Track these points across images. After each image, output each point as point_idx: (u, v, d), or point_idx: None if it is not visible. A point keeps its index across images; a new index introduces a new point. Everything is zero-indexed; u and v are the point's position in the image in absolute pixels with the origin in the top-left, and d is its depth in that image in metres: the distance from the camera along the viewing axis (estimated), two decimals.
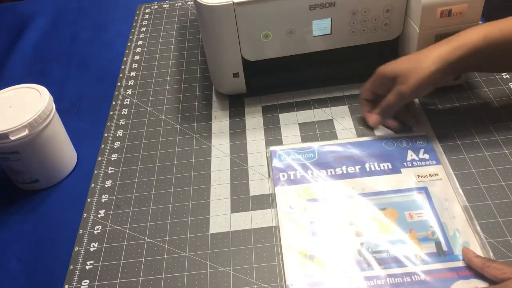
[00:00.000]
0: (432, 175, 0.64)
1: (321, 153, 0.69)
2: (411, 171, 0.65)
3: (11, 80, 0.91)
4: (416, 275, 0.55)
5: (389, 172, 0.65)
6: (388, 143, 0.69)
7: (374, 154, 0.68)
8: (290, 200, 0.64)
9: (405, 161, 0.66)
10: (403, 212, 0.61)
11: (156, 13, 1.07)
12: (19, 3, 1.16)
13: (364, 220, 0.61)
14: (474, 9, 0.69)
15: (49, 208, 0.69)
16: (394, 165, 0.66)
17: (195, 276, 0.58)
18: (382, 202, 0.62)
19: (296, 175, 0.66)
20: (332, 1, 0.71)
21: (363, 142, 0.70)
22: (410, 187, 0.63)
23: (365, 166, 0.66)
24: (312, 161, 0.68)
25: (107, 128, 0.80)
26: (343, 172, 0.66)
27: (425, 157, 0.67)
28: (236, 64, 0.76)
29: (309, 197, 0.64)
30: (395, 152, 0.68)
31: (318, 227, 0.60)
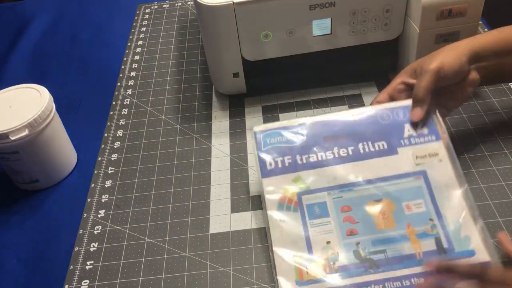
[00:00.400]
0: (432, 155, 0.58)
1: (311, 132, 0.62)
2: (409, 151, 0.59)
3: (11, 80, 0.92)
4: (416, 277, 0.52)
5: (384, 153, 0.59)
6: (383, 116, 0.61)
7: (368, 131, 0.61)
8: (279, 194, 0.59)
9: (402, 139, 0.60)
10: (401, 203, 0.56)
11: (156, 13, 1.07)
12: (19, 3, 1.16)
13: (359, 214, 0.56)
14: (474, 9, 0.69)
15: (49, 208, 0.69)
16: (390, 144, 0.59)
17: (195, 276, 0.58)
18: (377, 192, 0.57)
19: (284, 162, 0.60)
20: (332, 1, 0.71)
21: (357, 115, 0.62)
22: (408, 171, 0.58)
23: (359, 147, 0.60)
24: (301, 143, 0.61)
25: (107, 128, 0.80)
26: (335, 156, 0.60)
27: (424, 131, 0.60)
28: (236, 64, 0.76)
29: (299, 189, 0.59)
30: (391, 128, 0.60)
31: (311, 228, 0.56)
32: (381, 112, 0.62)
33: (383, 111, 0.61)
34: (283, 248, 0.56)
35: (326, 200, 0.58)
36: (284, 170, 0.60)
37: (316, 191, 0.58)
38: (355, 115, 0.62)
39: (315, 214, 0.57)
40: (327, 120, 0.62)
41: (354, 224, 0.56)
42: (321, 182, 0.59)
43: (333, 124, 0.62)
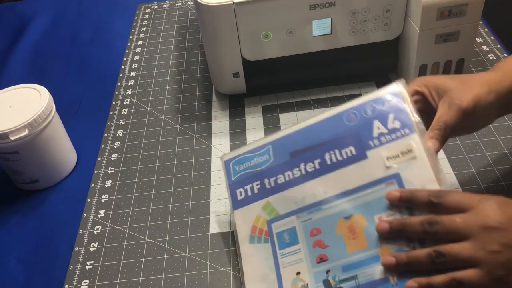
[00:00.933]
0: (405, 153, 0.50)
1: (277, 151, 0.57)
2: (379, 152, 0.51)
3: (11, 80, 0.92)
4: None
5: (352, 161, 0.52)
6: (350, 117, 0.54)
7: (334, 137, 0.54)
8: (250, 226, 0.55)
9: (371, 139, 0.52)
10: (372, 217, 0.49)
11: (156, 13, 1.07)
12: (19, 3, 1.16)
13: (329, 237, 0.50)
14: (474, 9, 0.69)
15: (49, 208, 0.69)
16: (358, 148, 0.52)
17: (195, 276, 0.58)
18: (347, 208, 0.50)
19: (253, 189, 0.56)
20: (332, 1, 0.71)
21: (322, 122, 0.55)
22: (379, 177, 0.50)
23: (325, 159, 0.53)
24: (268, 165, 0.56)
25: (107, 128, 0.80)
26: (302, 173, 0.54)
27: (396, 125, 0.51)
28: (236, 64, 0.76)
29: (269, 216, 0.54)
30: (359, 128, 0.53)
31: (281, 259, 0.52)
32: (346, 112, 0.54)
33: (348, 110, 0.54)
34: (255, 285, 0.52)
35: (295, 225, 0.52)
36: (253, 198, 0.56)
37: (285, 216, 0.53)
38: (319, 121, 0.56)
39: (285, 242, 0.52)
40: (291, 133, 0.57)
41: (324, 249, 0.50)
42: (290, 205, 0.53)
43: (298, 137, 0.56)
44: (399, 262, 0.46)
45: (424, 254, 0.45)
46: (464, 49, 0.74)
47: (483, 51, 0.85)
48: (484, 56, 0.83)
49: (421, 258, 0.45)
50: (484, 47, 0.85)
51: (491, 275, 0.42)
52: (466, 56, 0.75)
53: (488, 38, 0.87)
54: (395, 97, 0.52)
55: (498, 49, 0.85)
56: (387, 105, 0.52)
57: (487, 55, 0.84)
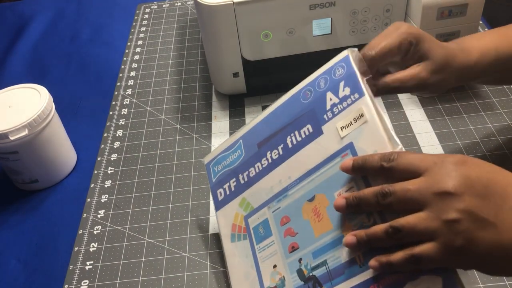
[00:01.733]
0: (357, 119, 0.46)
1: (247, 144, 0.55)
2: (333, 124, 0.48)
3: (11, 80, 0.91)
4: None
5: (310, 139, 0.50)
6: (305, 94, 0.52)
7: (293, 118, 0.52)
8: (230, 226, 0.54)
9: (325, 113, 0.49)
10: (333, 195, 0.46)
11: (156, 13, 1.07)
12: (19, 3, 1.16)
13: (297, 223, 0.48)
14: (474, 9, 0.69)
15: (48, 208, 0.69)
16: (314, 124, 0.50)
17: (195, 276, 0.58)
18: (309, 189, 0.48)
19: (230, 187, 0.55)
20: (332, 1, 0.71)
21: (282, 106, 0.54)
22: (334, 150, 0.47)
23: (287, 142, 0.51)
24: (241, 160, 0.55)
25: (107, 128, 0.79)
26: (269, 162, 0.52)
27: (346, 92, 0.48)
28: (236, 64, 0.76)
29: (245, 212, 0.53)
30: (314, 104, 0.51)
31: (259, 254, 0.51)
32: (302, 90, 0.52)
33: (304, 88, 0.52)
34: (239, 284, 0.51)
35: (267, 217, 0.51)
36: (231, 196, 0.55)
37: (258, 208, 0.52)
38: (279, 105, 0.54)
39: (260, 236, 0.51)
40: (257, 124, 0.55)
41: (294, 237, 0.48)
42: (262, 197, 0.52)
43: (263, 126, 0.55)
44: (359, 241, 0.43)
45: (382, 231, 0.41)
46: None
47: None
48: None
49: (379, 235, 0.41)
50: None
51: (450, 246, 0.39)
52: None
53: None
54: (344, 64, 0.50)
55: None
56: (337, 73, 0.50)
57: None
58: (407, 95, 0.78)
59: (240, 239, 0.53)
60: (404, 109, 0.75)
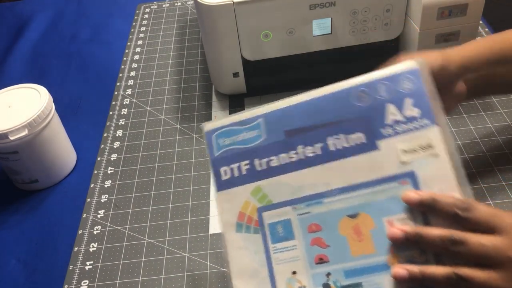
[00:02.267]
0: (424, 148, 0.43)
1: (270, 127, 0.48)
2: (393, 144, 0.44)
3: (11, 80, 0.91)
4: None
5: (361, 150, 0.45)
6: (359, 96, 0.46)
7: (340, 118, 0.46)
8: (236, 213, 0.48)
9: (383, 126, 0.45)
10: (381, 219, 0.43)
11: (156, 13, 1.07)
12: (19, 3, 1.16)
13: (331, 236, 0.45)
14: (474, 8, 0.69)
15: (48, 208, 0.69)
16: (368, 135, 0.45)
17: (195, 276, 0.58)
18: (353, 204, 0.45)
19: (240, 169, 0.48)
20: (332, 1, 0.71)
21: (325, 98, 0.48)
22: (391, 173, 0.44)
23: (328, 144, 0.46)
24: (259, 142, 0.48)
25: (107, 128, 0.79)
26: (300, 157, 0.47)
27: (414, 113, 0.44)
28: (236, 64, 0.76)
29: (260, 203, 0.47)
30: (369, 112, 0.45)
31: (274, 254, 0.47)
32: (355, 89, 0.47)
33: (358, 87, 0.46)
34: (243, 280, 0.47)
35: (290, 218, 0.46)
36: (241, 179, 0.48)
37: (279, 205, 0.47)
38: (321, 96, 0.48)
39: (279, 236, 0.47)
40: (287, 107, 0.48)
41: (325, 249, 0.45)
42: (285, 193, 0.47)
43: (295, 112, 0.48)
44: (412, 277, 0.41)
45: (442, 275, 0.40)
46: None
47: None
48: None
49: (438, 278, 0.40)
50: None
51: None
52: None
53: None
54: (413, 77, 0.45)
55: None
56: (403, 86, 0.45)
57: None
58: None
59: (250, 231, 0.47)
60: None
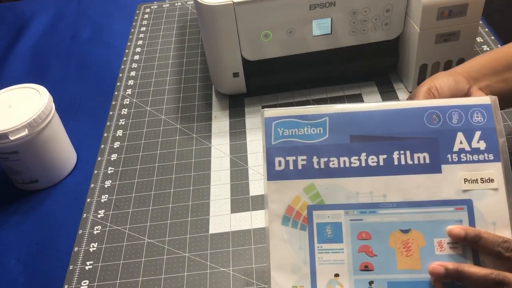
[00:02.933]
0: (485, 181, 0.46)
1: (335, 127, 0.49)
2: (456, 171, 0.46)
3: (11, 80, 0.91)
4: None
5: (424, 170, 0.47)
6: (431, 117, 0.48)
7: (408, 134, 0.48)
8: (285, 205, 0.48)
9: (450, 152, 0.46)
10: (432, 239, 0.45)
11: (156, 13, 1.07)
12: (19, 3, 1.16)
13: (379, 246, 0.46)
14: (474, 9, 0.69)
15: (48, 208, 0.69)
16: (433, 158, 0.47)
17: (195, 276, 0.58)
18: (407, 220, 0.46)
19: (296, 164, 0.48)
20: (332, 1, 0.71)
21: (397, 112, 0.48)
22: (449, 198, 0.46)
23: (393, 157, 0.47)
24: (321, 140, 0.49)
25: (107, 128, 0.79)
26: (361, 164, 0.47)
27: (480, 146, 0.46)
28: (236, 64, 0.76)
29: (311, 201, 0.48)
30: (439, 135, 0.47)
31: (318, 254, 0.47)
32: (428, 110, 0.48)
33: (431, 108, 0.48)
34: (282, 273, 0.47)
35: (341, 221, 0.47)
36: (296, 174, 0.48)
37: (331, 207, 0.48)
38: (395, 109, 0.49)
39: (326, 237, 0.47)
40: (356, 112, 0.49)
41: (371, 257, 0.46)
42: (339, 197, 0.48)
43: (365, 119, 0.48)
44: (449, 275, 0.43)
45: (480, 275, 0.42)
46: (464, 49, 0.74)
47: (484, 51, 0.85)
48: None
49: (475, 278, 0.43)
50: (484, 47, 0.85)
51: None
52: (466, 56, 0.75)
53: (488, 38, 0.87)
54: (485, 112, 0.47)
55: None
56: (475, 118, 0.47)
57: None
58: (406, 95, 0.78)
59: (296, 227, 0.48)
60: None
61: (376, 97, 0.78)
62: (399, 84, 0.80)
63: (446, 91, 0.54)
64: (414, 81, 0.76)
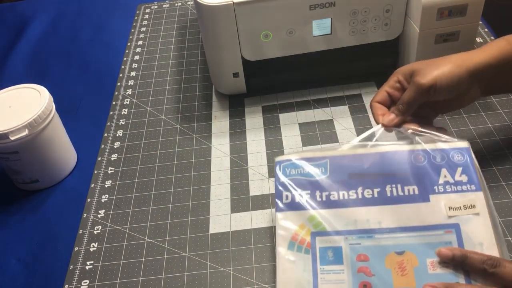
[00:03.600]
0: (468, 207, 0.52)
1: (335, 166, 0.57)
2: (442, 200, 0.53)
3: (11, 80, 0.91)
4: None
5: (414, 200, 0.53)
6: (418, 157, 0.56)
7: (399, 171, 0.55)
8: (292, 232, 0.53)
9: (436, 185, 0.54)
10: (425, 259, 0.49)
11: (156, 13, 1.07)
12: (19, 3, 1.16)
13: (376, 267, 0.50)
14: (474, 9, 0.69)
15: (49, 208, 0.69)
16: (422, 189, 0.54)
17: (195, 276, 0.58)
18: (401, 243, 0.51)
19: (301, 197, 0.55)
20: (332, 1, 0.71)
21: (387, 154, 0.56)
22: (438, 223, 0.51)
23: (386, 190, 0.54)
24: (323, 177, 0.56)
25: (107, 128, 0.80)
26: (358, 196, 0.54)
27: (463, 179, 0.53)
28: (236, 64, 0.76)
29: (314, 229, 0.53)
30: (426, 171, 0.55)
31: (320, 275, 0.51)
32: (414, 152, 0.56)
33: (418, 152, 0.56)
34: None
35: (342, 245, 0.52)
36: (300, 206, 0.55)
37: (332, 233, 0.53)
38: (387, 152, 0.57)
39: (328, 259, 0.52)
40: (352, 155, 0.57)
41: (369, 277, 0.50)
42: (339, 224, 0.53)
43: (361, 160, 0.57)
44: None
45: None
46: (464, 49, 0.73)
47: None
48: None
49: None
50: None
51: None
52: None
53: (488, 38, 0.87)
54: (464, 153, 0.55)
55: None
56: (456, 158, 0.55)
57: None
58: None
59: (301, 251, 0.53)
60: None
61: None
62: None
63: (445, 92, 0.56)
64: None
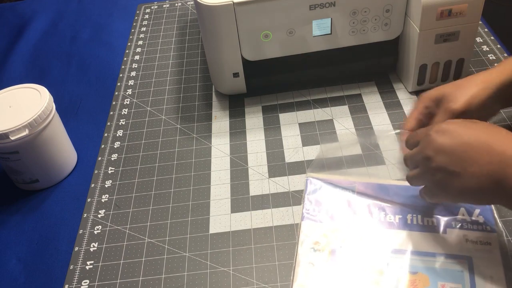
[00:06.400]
0: (483, 244, 0.55)
1: (361, 191, 0.62)
2: (459, 234, 0.56)
3: (11, 80, 0.92)
4: None
5: (432, 230, 0.57)
6: None
7: (419, 205, 0.60)
8: (315, 239, 0.58)
9: (454, 220, 0.58)
10: (436, 282, 0.53)
11: (156, 13, 1.07)
12: (19, 3, 1.16)
13: (390, 283, 0.53)
14: (474, 9, 0.69)
15: (49, 208, 0.69)
16: (439, 223, 0.58)
17: (195, 276, 0.58)
18: (415, 265, 0.55)
19: (328, 212, 0.61)
20: (332, 1, 0.71)
21: (410, 188, 0.58)
22: (453, 253, 0.55)
23: (407, 218, 0.59)
24: (349, 198, 0.62)
25: (107, 128, 0.80)
26: (380, 220, 0.59)
27: (479, 220, 0.57)
28: (236, 64, 0.76)
29: (335, 241, 0.58)
30: (445, 207, 0.59)
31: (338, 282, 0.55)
32: None
33: None
34: None
35: (360, 259, 0.56)
36: (325, 219, 0.60)
37: (352, 248, 0.57)
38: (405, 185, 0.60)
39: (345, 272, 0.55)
40: (380, 184, 0.63)
41: None
42: (360, 241, 0.58)
43: (386, 190, 0.62)
44: None
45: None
46: (464, 49, 0.74)
47: (483, 51, 0.85)
48: (484, 56, 0.84)
49: None
50: (484, 47, 0.86)
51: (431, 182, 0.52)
52: (466, 56, 0.75)
53: (488, 38, 0.87)
54: None
55: (498, 49, 0.85)
56: None
57: (487, 55, 0.84)
58: (406, 95, 0.78)
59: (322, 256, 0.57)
60: (404, 109, 0.76)
61: (376, 97, 0.78)
62: (398, 84, 0.80)
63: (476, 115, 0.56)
64: (413, 81, 0.77)
